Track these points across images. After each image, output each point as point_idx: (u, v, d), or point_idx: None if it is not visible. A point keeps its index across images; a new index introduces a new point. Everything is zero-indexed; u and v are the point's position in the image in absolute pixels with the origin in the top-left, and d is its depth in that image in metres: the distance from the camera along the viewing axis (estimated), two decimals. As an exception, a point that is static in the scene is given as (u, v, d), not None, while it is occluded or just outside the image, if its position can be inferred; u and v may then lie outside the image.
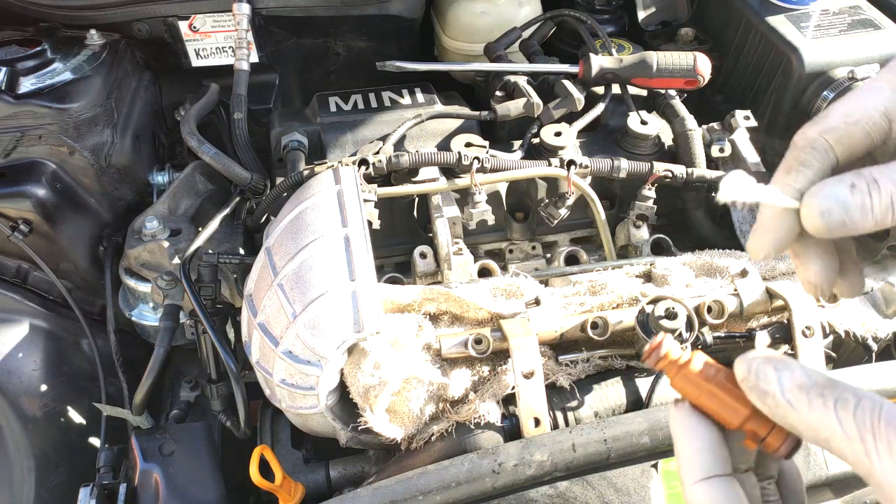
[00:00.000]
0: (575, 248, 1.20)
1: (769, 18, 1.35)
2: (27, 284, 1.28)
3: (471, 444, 0.83)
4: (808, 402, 0.38)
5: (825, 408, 0.37)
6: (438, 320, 0.93)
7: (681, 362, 0.45)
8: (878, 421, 0.35)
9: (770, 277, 0.98)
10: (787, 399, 0.39)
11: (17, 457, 1.15)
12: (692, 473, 0.42)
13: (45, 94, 1.21)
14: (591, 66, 1.26)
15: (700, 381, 0.44)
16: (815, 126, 0.44)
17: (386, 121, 1.26)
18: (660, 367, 0.46)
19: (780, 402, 0.39)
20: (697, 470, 0.42)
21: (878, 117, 0.43)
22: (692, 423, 0.44)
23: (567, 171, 1.12)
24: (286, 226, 0.93)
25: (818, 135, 0.43)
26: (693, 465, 0.42)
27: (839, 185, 0.40)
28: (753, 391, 0.40)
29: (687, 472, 0.42)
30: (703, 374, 0.44)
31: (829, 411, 0.37)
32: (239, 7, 1.32)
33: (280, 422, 1.02)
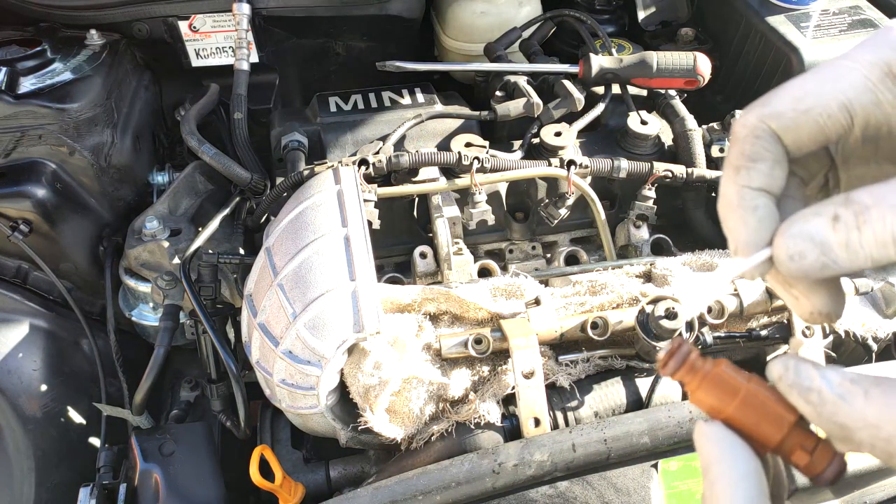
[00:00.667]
0: (575, 248, 1.20)
1: (769, 18, 1.35)
2: (27, 284, 1.28)
3: (471, 444, 0.83)
4: (864, 393, 0.32)
5: (888, 397, 0.31)
6: (438, 320, 0.93)
7: (706, 368, 0.38)
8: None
9: (770, 277, 0.98)
10: (838, 392, 0.33)
11: (17, 457, 1.15)
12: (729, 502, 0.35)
13: (45, 94, 1.21)
14: (591, 66, 1.26)
15: (735, 386, 0.37)
16: (757, 109, 0.37)
17: (386, 121, 1.26)
18: (679, 377, 0.39)
19: (829, 398, 0.33)
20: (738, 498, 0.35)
21: (837, 110, 0.35)
22: (730, 444, 0.36)
23: (567, 171, 1.12)
24: (286, 226, 0.93)
25: (759, 121, 0.37)
26: (735, 498, 0.35)
27: (816, 220, 0.34)
28: (794, 388, 0.34)
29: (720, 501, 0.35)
30: (737, 379, 0.37)
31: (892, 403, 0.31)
32: (239, 7, 1.32)
33: (280, 422, 1.02)
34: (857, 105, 0.35)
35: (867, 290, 0.95)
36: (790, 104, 0.36)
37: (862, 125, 0.36)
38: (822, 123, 0.36)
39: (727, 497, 0.35)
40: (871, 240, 0.32)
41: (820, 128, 0.36)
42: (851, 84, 0.35)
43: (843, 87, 0.35)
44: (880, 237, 0.32)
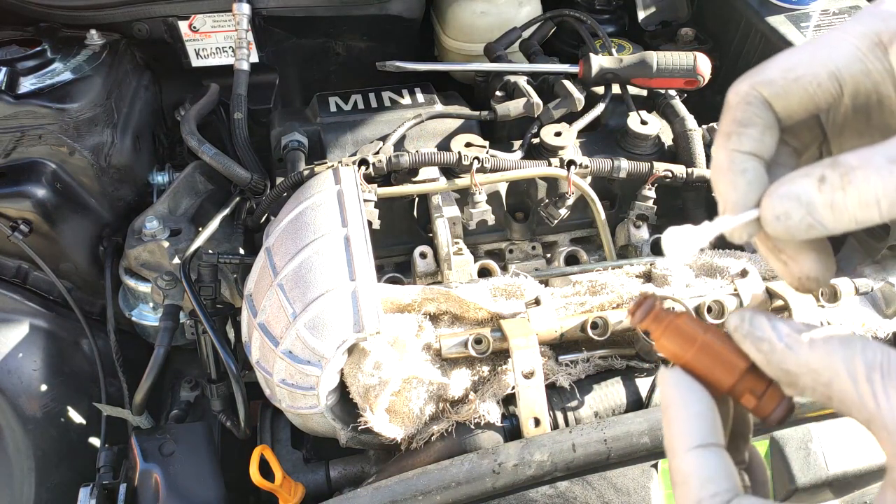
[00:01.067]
0: (575, 248, 1.20)
1: (769, 18, 1.35)
2: (27, 284, 1.28)
3: (471, 444, 0.83)
4: (809, 343, 0.35)
5: (825, 348, 0.35)
6: (438, 320, 0.93)
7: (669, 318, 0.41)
8: (888, 361, 0.33)
9: (770, 277, 0.98)
10: (786, 342, 0.36)
11: (17, 457, 1.15)
12: (685, 441, 0.38)
13: (45, 94, 1.21)
14: (591, 66, 1.26)
15: (693, 335, 0.40)
16: (749, 78, 0.38)
17: (386, 121, 1.26)
18: (645, 326, 0.42)
19: (778, 347, 0.36)
20: (692, 437, 0.38)
21: (826, 78, 0.36)
22: (687, 386, 0.39)
23: (567, 171, 1.12)
24: (286, 226, 0.93)
25: (751, 88, 0.38)
26: (687, 433, 0.38)
27: (804, 181, 0.35)
28: (748, 338, 0.38)
29: (679, 441, 0.38)
30: (698, 328, 0.40)
31: (832, 353, 0.34)
32: (239, 7, 1.32)
33: (280, 422, 1.01)
34: (846, 74, 0.36)
35: (867, 290, 0.95)
36: (781, 72, 0.37)
37: (851, 94, 0.37)
38: (811, 91, 0.37)
39: (682, 433, 0.38)
40: (855, 200, 0.33)
41: (810, 95, 0.37)
42: (841, 54, 0.36)
43: (833, 57, 0.36)
44: (864, 198, 0.33)
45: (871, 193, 0.33)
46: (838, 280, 0.92)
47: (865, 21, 0.37)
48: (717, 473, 0.37)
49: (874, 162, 0.33)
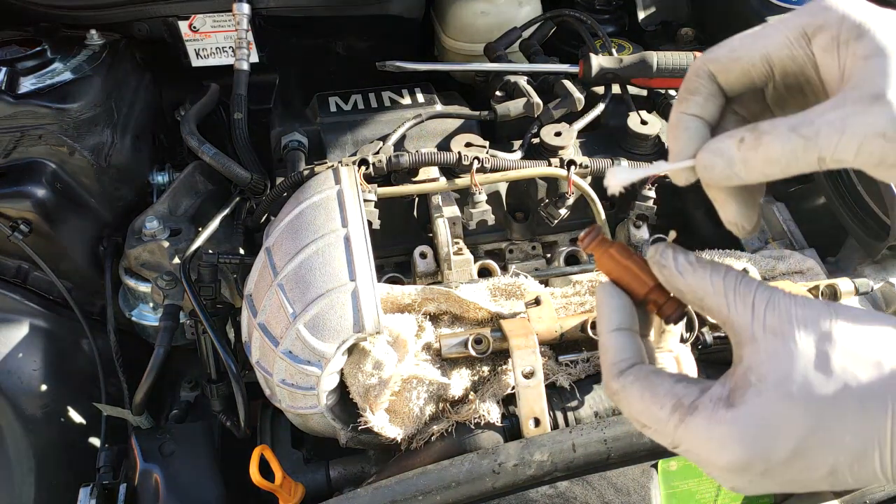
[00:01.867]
0: (575, 248, 1.20)
1: (769, 19, 1.35)
2: (27, 284, 1.28)
3: (471, 444, 0.83)
4: (693, 271, 0.48)
5: (703, 273, 0.48)
6: (438, 320, 0.93)
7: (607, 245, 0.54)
8: (739, 284, 0.46)
9: (770, 277, 0.98)
10: (679, 269, 0.49)
11: (17, 457, 1.15)
12: (607, 325, 0.51)
13: (45, 94, 1.21)
14: (591, 66, 1.26)
15: (620, 259, 0.53)
16: (703, 55, 0.48)
17: (386, 121, 1.26)
18: (590, 250, 0.54)
19: (673, 273, 0.49)
20: (611, 323, 0.51)
21: (759, 59, 0.46)
22: (611, 291, 0.52)
23: (567, 171, 1.12)
24: (286, 226, 0.93)
25: (702, 63, 0.48)
26: (608, 320, 0.51)
27: (727, 140, 0.45)
28: (655, 265, 0.50)
29: (603, 326, 0.51)
30: (623, 255, 0.53)
31: (706, 277, 0.47)
32: (239, 7, 1.32)
33: (280, 422, 1.01)
34: (775, 57, 0.45)
35: (867, 290, 0.95)
36: (725, 52, 0.47)
37: (781, 74, 0.46)
38: (747, 69, 0.46)
39: (604, 320, 0.51)
40: (763, 158, 0.43)
41: (746, 72, 0.47)
42: (773, 41, 0.45)
43: (766, 43, 0.46)
44: (769, 156, 0.43)
45: (774, 153, 0.43)
46: (838, 280, 0.92)
47: (799, 15, 0.45)
48: (625, 346, 0.50)
49: (779, 129, 0.42)
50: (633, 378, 0.48)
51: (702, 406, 0.45)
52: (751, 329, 0.45)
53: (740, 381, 0.44)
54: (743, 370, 0.45)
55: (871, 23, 0.42)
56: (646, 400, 0.47)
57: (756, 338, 0.44)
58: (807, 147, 0.42)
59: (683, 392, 0.46)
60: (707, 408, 0.45)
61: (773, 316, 0.44)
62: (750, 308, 0.45)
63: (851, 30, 0.42)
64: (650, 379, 0.48)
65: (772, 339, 0.44)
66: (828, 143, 0.41)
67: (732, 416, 0.43)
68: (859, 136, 0.40)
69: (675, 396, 0.46)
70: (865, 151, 0.41)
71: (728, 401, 0.44)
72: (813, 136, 0.41)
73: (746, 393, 0.44)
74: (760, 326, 0.44)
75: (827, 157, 0.42)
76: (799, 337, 0.43)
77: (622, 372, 0.49)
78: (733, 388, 0.45)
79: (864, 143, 0.40)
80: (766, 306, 0.45)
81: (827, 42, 0.43)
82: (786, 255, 1.02)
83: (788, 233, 1.13)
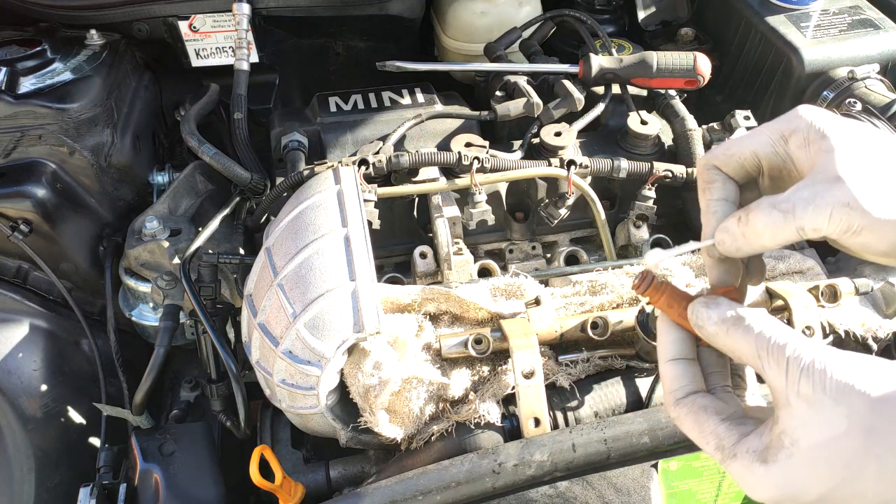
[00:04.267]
0: (575, 248, 1.20)
1: (769, 18, 1.35)
2: (27, 284, 1.28)
3: (471, 444, 0.83)
4: (726, 333, 0.54)
5: (735, 334, 0.54)
6: (438, 320, 0.93)
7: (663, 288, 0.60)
8: (771, 346, 0.51)
9: (770, 277, 0.98)
10: (712, 331, 0.55)
11: (17, 457, 1.15)
12: (665, 355, 0.58)
13: (45, 94, 1.21)
14: (591, 66, 1.26)
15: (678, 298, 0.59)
16: (705, 155, 0.60)
17: (386, 121, 1.26)
18: (646, 294, 0.60)
19: (711, 333, 0.56)
20: (668, 353, 0.58)
21: (749, 155, 0.57)
22: (670, 326, 0.60)
23: (567, 171, 1.12)
24: (286, 226, 0.93)
25: (707, 160, 0.59)
26: (666, 350, 0.58)
27: (731, 220, 0.55)
28: (696, 327, 0.57)
29: (662, 354, 0.59)
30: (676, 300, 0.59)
31: (739, 339, 0.53)
32: (239, 7, 1.32)
33: (280, 422, 1.01)
34: (761, 153, 0.57)
35: (867, 290, 0.95)
36: (723, 150, 0.58)
37: (767, 167, 0.57)
38: (741, 163, 0.58)
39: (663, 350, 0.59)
40: (753, 231, 0.53)
41: (741, 165, 0.58)
42: (759, 142, 0.57)
43: (754, 142, 0.57)
44: (757, 230, 0.53)
45: (759, 226, 0.53)
46: (838, 280, 0.92)
47: (778, 121, 0.56)
48: (681, 375, 0.58)
49: (762, 205, 0.53)
50: (687, 410, 0.56)
51: (739, 455, 0.52)
52: (785, 393, 0.50)
53: (775, 441, 0.50)
54: (778, 431, 0.50)
55: (831, 128, 0.53)
56: (695, 432, 0.55)
57: (790, 403, 0.50)
58: (786, 219, 0.51)
59: (725, 434, 0.53)
60: (744, 458, 0.52)
61: (807, 384, 0.49)
62: (784, 373, 0.50)
63: (817, 132, 0.53)
64: (699, 415, 0.55)
65: (804, 407, 0.49)
66: (803, 213, 0.51)
67: (765, 471, 0.50)
68: (829, 206, 0.50)
69: (717, 437, 0.54)
70: (836, 218, 0.50)
71: (762, 456, 0.51)
72: (790, 209, 0.51)
73: (779, 454, 0.50)
74: (794, 392, 0.49)
75: (805, 226, 0.51)
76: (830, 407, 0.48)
77: (678, 401, 0.57)
78: (768, 445, 0.51)
79: (833, 212, 0.50)
80: (799, 372, 0.49)
81: (799, 141, 0.54)
82: (786, 255, 1.02)
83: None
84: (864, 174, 0.51)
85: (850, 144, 0.52)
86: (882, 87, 1.24)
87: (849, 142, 0.52)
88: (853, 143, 0.52)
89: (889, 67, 1.30)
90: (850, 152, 0.52)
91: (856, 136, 0.53)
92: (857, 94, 1.22)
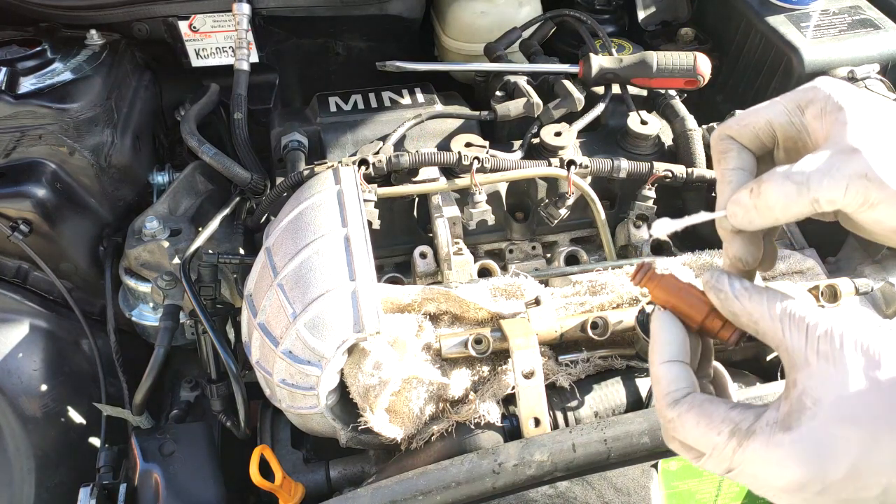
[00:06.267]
0: (575, 248, 1.20)
1: (769, 18, 1.35)
2: (27, 284, 1.28)
3: (471, 444, 0.83)
4: (749, 297, 0.53)
5: (759, 298, 0.52)
6: (438, 320, 0.93)
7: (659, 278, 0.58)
8: (794, 310, 0.50)
9: (770, 277, 0.98)
10: (735, 294, 0.53)
11: (17, 457, 1.15)
12: (660, 357, 0.55)
13: (45, 94, 1.21)
14: (591, 66, 1.26)
15: (677, 287, 0.57)
16: (719, 126, 0.58)
17: (386, 121, 1.26)
18: (643, 284, 0.59)
19: (730, 297, 0.53)
20: (664, 354, 0.55)
21: (763, 124, 0.55)
22: (666, 321, 0.56)
23: (567, 171, 1.12)
24: (286, 226, 0.93)
25: (721, 130, 0.57)
26: (662, 351, 0.55)
27: (744, 191, 0.53)
28: (712, 290, 0.55)
29: (656, 357, 0.55)
30: (676, 284, 0.57)
31: (762, 302, 0.52)
32: (239, 7, 1.32)
33: (280, 422, 1.01)
34: (776, 123, 0.55)
35: (867, 290, 0.95)
36: (736, 120, 0.57)
37: (782, 137, 0.55)
38: (756, 132, 0.56)
39: (658, 352, 0.55)
40: (765, 203, 0.51)
41: (756, 135, 0.56)
42: (775, 110, 0.55)
43: (769, 112, 0.55)
44: (769, 202, 0.51)
45: (772, 198, 0.50)
46: (838, 280, 0.92)
47: (795, 92, 0.54)
48: (679, 377, 0.54)
49: (774, 176, 0.50)
50: (689, 406, 0.52)
51: (759, 430, 0.48)
52: (804, 354, 0.48)
53: (795, 405, 0.47)
54: (798, 394, 0.48)
55: (848, 99, 0.52)
56: (702, 427, 0.51)
57: (810, 362, 0.48)
58: (799, 191, 0.49)
59: (740, 418, 0.49)
60: (764, 432, 0.48)
61: (827, 342, 0.47)
62: (804, 334, 0.48)
63: (834, 104, 0.52)
64: (705, 406, 0.51)
65: (825, 364, 0.47)
66: (818, 185, 0.48)
67: (790, 438, 0.47)
68: (845, 178, 0.48)
69: (731, 422, 0.49)
70: (852, 190, 0.48)
71: (784, 424, 0.47)
72: (804, 181, 0.49)
73: (802, 416, 0.47)
74: (814, 352, 0.48)
75: (819, 198, 0.49)
76: (852, 361, 0.46)
77: (677, 401, 0.53)
78: (789, 411, 0.48)
79: (850, 184, 0.48)
80: (819, 332, 0.48)
81: (816, 112, 0.53)
82: (786, 255, 1.02)
83: (788, 233, 1.13)
84: (882, 146, 0.49)
85: (868, 116, 0.51)
86: (882, 87, 1.24)
87: (866, 113, 0.51)
88: (870, 114, 0.51)
89: (889, 67, 1.30)
90: (867, 124, 0.50)
91: (873, 109, 0.51)
92: (857, 94, 1.22)
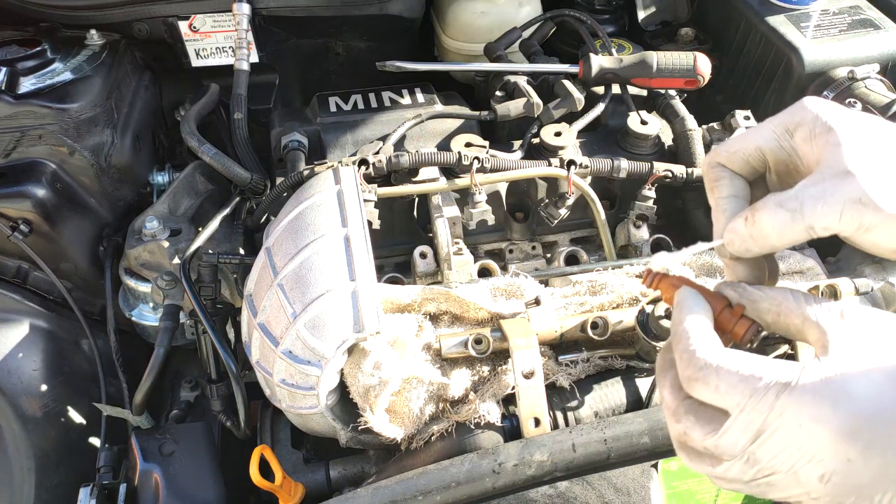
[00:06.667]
0: (575, 248, 1.20)
1: (769, 18, 1.35)
2: (27, 284, 1.28)
3: (471, 444, 0.83)
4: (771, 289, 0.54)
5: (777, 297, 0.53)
6: (438, 320, 0.93)
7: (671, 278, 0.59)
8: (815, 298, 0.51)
9: (770, 277, 0.98)
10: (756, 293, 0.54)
11: (17, 457, 1.15)
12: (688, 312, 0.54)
13: (45, 94, 1.21)
14: (591, 66, 1.26)
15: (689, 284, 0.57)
16: (710, 155, 0.59)
17: (386, 121, 1.26)
18: (656, 287, 0.59)
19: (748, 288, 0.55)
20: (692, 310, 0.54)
21: (753, 150, 0.55)
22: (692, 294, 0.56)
23: (567, 171, 1.12)
24: (286, 226, 0.93)
25: (711, 158, 0.58)
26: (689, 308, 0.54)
27: (739, 220, 0.54)
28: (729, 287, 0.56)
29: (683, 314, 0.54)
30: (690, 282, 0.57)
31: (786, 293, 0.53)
32: (239, 7, 1.32)
33: (280, 422, 1.01)
34: (765, 148, 0.55)
35: (867, 290, 0.95)
36: (726, 147, 0.57)
37: (773, 162, 0.56)
38: (746, 158, 0.56)
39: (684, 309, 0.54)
40: (760, 231, 0.52)
41: (746, 160, 0.56)
42: (763, 136, 0.55)
43: (757, 139, 0.55)
44: (763, 230, 0.51)
45: (766, 227, 0.51)
46: (838, 280, 0.92)
47: (783, 114, 0.55)
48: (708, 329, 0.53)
49: (768, 205, 0.51)
50: (727, 352, 0.50)
51: (808, 373, 0.47)
52: (840, 325, 0.49)
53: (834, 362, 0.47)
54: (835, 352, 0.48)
55: (837, 120, 0.51)
56: (743, 371, 0.48)
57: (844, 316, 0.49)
58: (793, 219, 0.49)
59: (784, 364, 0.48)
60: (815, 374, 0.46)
61: (853, 318, 0.49)
62: (832, 313, 0.50)
63: (823, 125, 0.51)
64: (745, 354, 0.50)
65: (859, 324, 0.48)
66: (812, 212, 0.49)
67: (843, 378, 0.46)
68: (839, 203, 0.48)
69: (775, 366, 0.48)
70: (847, 216, 0.48)
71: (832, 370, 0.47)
72: (798, 208, 0.49)
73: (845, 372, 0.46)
74: (848, 326, 0.48)
75: (814, 225, 0.49)
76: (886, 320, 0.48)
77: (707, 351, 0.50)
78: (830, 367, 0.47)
79: (844, 210, 0.48)
80: (843, 313, 0.49)
81: (805, 135, 0.53)
82: (785, 255, 1.02)
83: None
84: (874, 168, 0.48)
85: (858, 137, 0.50)
86: (882, 87, 1.24)
87: (856, 134, 0.50)
88: (861, 135, 0.50)
89: (889, 67, 1.30)
90: (858, 145, 0.49)
91: (863, 129, 0.51)
92: (857, 94, 1.22)
